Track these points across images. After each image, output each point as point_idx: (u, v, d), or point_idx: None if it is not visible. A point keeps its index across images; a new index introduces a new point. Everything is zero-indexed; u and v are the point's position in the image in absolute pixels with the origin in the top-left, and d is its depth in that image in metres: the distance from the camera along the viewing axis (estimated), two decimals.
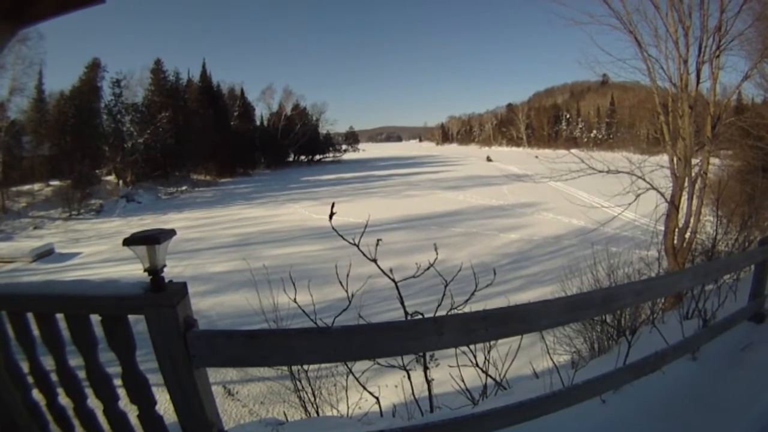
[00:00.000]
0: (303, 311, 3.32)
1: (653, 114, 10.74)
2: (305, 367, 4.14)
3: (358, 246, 2.86)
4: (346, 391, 3.93)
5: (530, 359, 3.98)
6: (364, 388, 3.39)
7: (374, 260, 2.94)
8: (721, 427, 2.73)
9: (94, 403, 1.99)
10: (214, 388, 1.90)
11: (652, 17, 10.08)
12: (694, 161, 10.00)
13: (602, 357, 4.41)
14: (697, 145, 10.12)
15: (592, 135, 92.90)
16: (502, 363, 3.54)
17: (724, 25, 9.47)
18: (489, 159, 76.37)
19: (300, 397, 4.32)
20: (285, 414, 4.80)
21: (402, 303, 3.09)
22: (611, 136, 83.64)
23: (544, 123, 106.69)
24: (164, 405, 1.89)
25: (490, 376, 3.38)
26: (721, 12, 9.39)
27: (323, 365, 4.57)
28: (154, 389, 1.91)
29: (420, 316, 2.47)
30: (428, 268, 3.15)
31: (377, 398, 3.29)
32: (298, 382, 4.23)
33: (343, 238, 2.93)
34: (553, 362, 3.50)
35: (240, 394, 8.01)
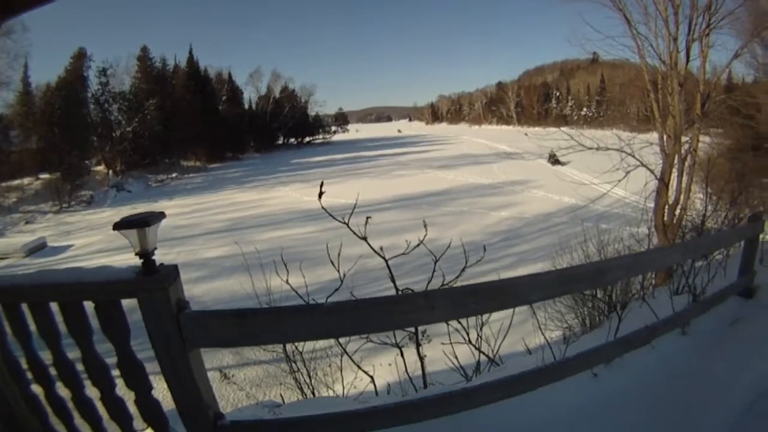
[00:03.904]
0: (296, 292, 3.33)
1: (643, 92, 10.80)
2: (300, 348, 4.16)
3: (347, 224, 2.86)
4: (341, 371, 3.96)
5: (523, 336, 4.01)
6: (359, 368, 3.40)
7: (364, 238, 2.94)
8: (709, 400, 2.76)
9: (91, 391, 1.99)
10: (210, 374, 1.92)
11: None
12: (683, 139, 10.06)
13: (594, 332, 4.45)
14: (687, 122, 10.16)
15: (582, 113, 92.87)
16: (495, 340, 3.58)
17: (714, 4, 9.49)
18: (554, 159, 32.72)
19: (296, 379, 4.34)
20: (282, 396, 4.85)
21: (393, 280, 3.11)
22: (601, 114, 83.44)
23: (534, 101, 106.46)
24: (162, 392, 1.90)
25: (483, 353, 3.41)
26: None
27: (317, 346, 4.58)
28: (151, 377, 1.91)
29: (412, 292, 2.48)
30: (417, 245, 3.16)
31: (372, 377, 3.32)
32: (293, 364, 4.26)
33: (333, 217, 2.93)
34: (545, 338, 3.53)
35: (236, 379, 8.08)
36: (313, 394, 4.25)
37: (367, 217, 2.94)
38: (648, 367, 3.06)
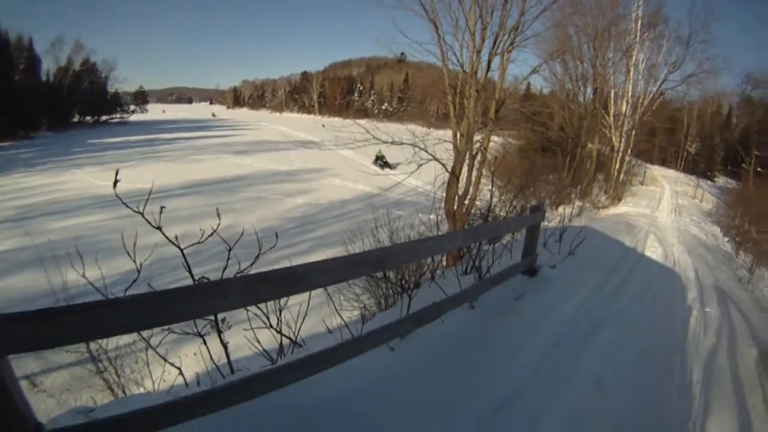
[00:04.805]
0: (94, 287, 3.19)
1: (443, 93, 11.57)
2: (104, 346, 3.98)
3: (142, 214, 2.81)
4: (148, 366, 3.89)
5: (323, 317, 4.19)
6: (165, 360, 3.36)
7: (159, 228, 2.92)
8: (494, 366, 3.22)
9: None
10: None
11: (456, 9, 10.75)
12: (476, 138, 11.07)
13: (389, 311, 4.80)
14: (482, 124, 11.27)
15: (383, 107, 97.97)
16: (295, 323, 3.79)
17: (521, 26, 10.56)
18: (382, 162, 32.42)
19: (104, 379, 4.16)
20: (93, 399, 4.57)
21: (189, 270, 3.14)
22: (402, 110, 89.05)
23: (337, 93, 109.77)
24: None
25: (285, 336, 3.58)
26: (521, 15, 10.38)
27: (121, 342, 4.42)
28: None
29: (206, 281, 2.55)
30: (211, 234, 3.19)
31: (179, 369, 3.31)
32: (99, 364, 4.06)
33: (128, 207, 2.86)
34: (342, 319, 3.83)
35: (44, 385, 7.33)
36: (124, 392, 4.11)
37: (162, 207, 2.92)
38: (438, 339, 3.47)
